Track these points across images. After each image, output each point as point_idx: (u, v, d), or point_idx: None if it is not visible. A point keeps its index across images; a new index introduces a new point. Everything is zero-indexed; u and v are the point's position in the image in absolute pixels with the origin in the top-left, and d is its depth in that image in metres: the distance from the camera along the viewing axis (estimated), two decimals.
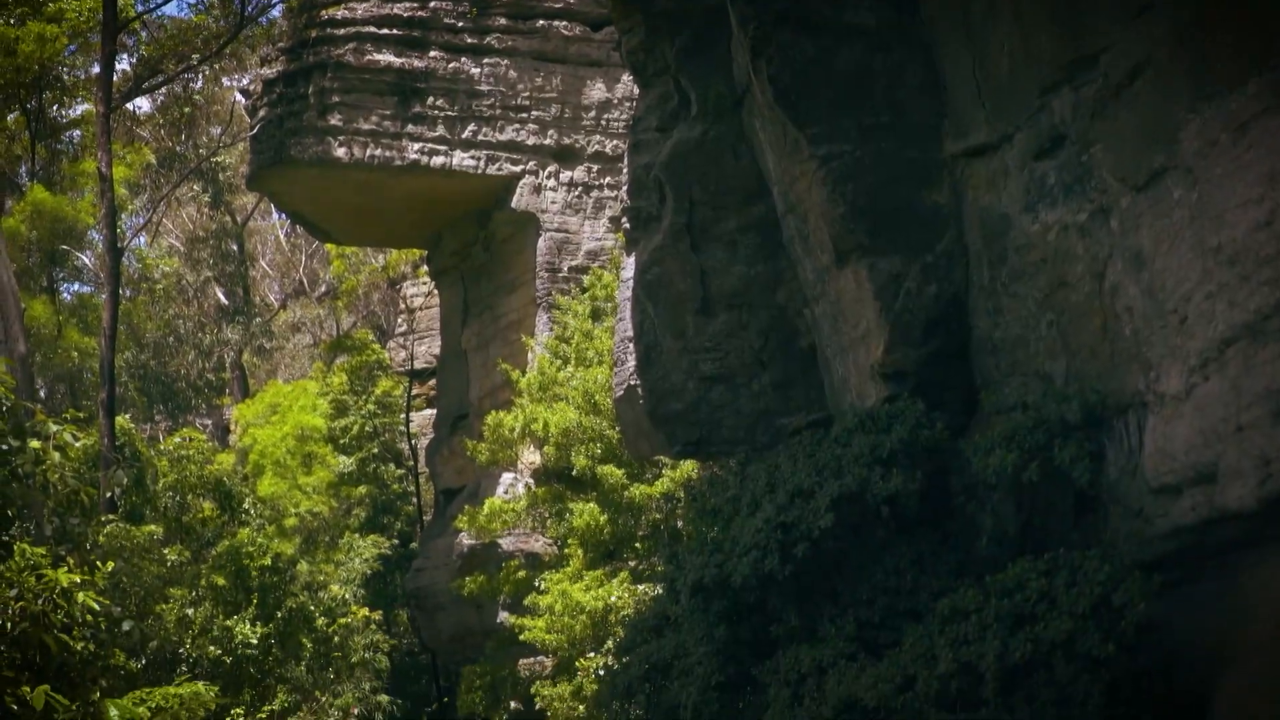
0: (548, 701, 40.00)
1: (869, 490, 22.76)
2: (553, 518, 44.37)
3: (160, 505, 28.32)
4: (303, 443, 60.63)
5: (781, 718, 22.96)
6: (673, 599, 26.67)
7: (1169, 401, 19.37)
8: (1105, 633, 19.30)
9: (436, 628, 53.78)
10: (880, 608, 23.23)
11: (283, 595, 28.95)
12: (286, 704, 27.98)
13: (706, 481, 29.30)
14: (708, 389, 29.08)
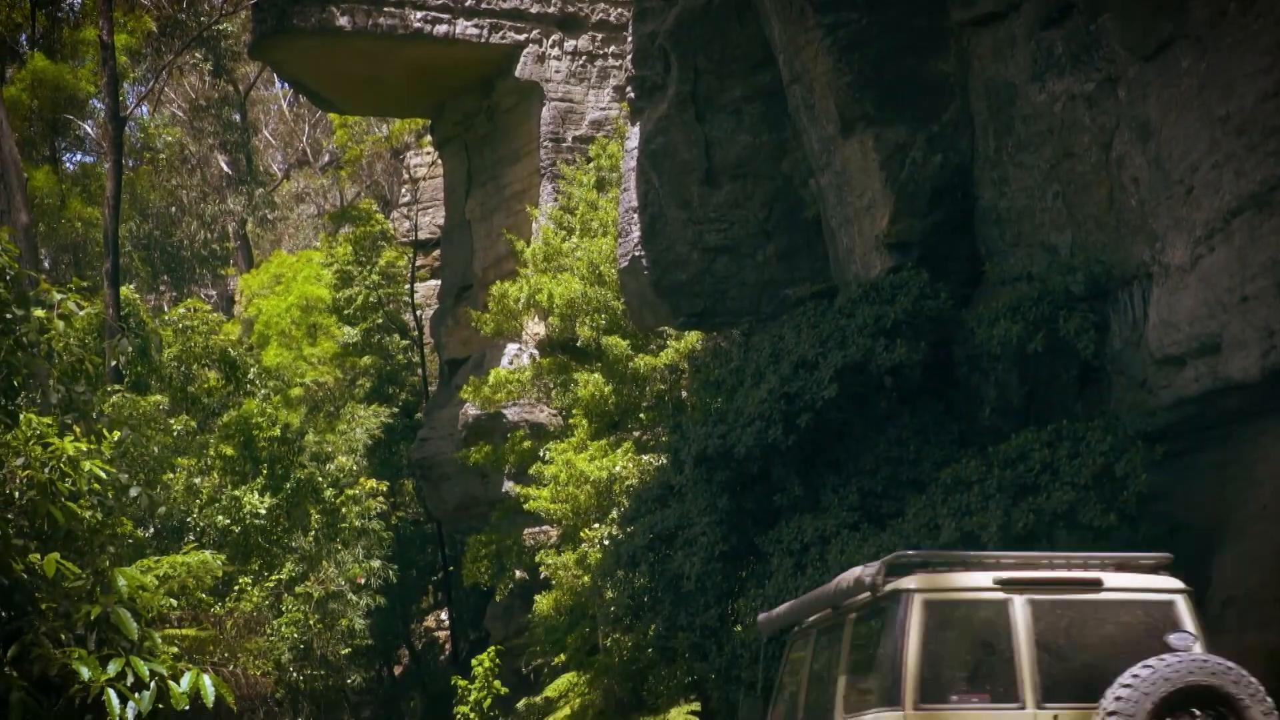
0: (552, 570, 40.28)
1: (873, 361, 22.77)
2: (557, 388, 44.44)
3: (165, 375, 28.37)
4: (307, 313, 60.62)
5: (784, 587, 23.12)
6: (676, 469, 26.78)
7: (1174, 272, 19.31)
8: (1107, 503, 19.39)
9: (441, 498, 54.08)
10: (883, 478, 23.33)
11: (291, 466, 29.08)
12: (294, 573, 28.19)
13: (710, 352, 29.36)
14: (712, 259, 29.05)
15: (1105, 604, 12.04)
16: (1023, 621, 11.57)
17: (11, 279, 15.23)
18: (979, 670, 11.71)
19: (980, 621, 11.75)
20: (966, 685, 11.56)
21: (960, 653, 11.75)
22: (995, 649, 11.63)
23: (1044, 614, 11.71)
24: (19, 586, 10.00)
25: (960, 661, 11.73)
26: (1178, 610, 12.06)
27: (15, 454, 13.04)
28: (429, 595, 66.88)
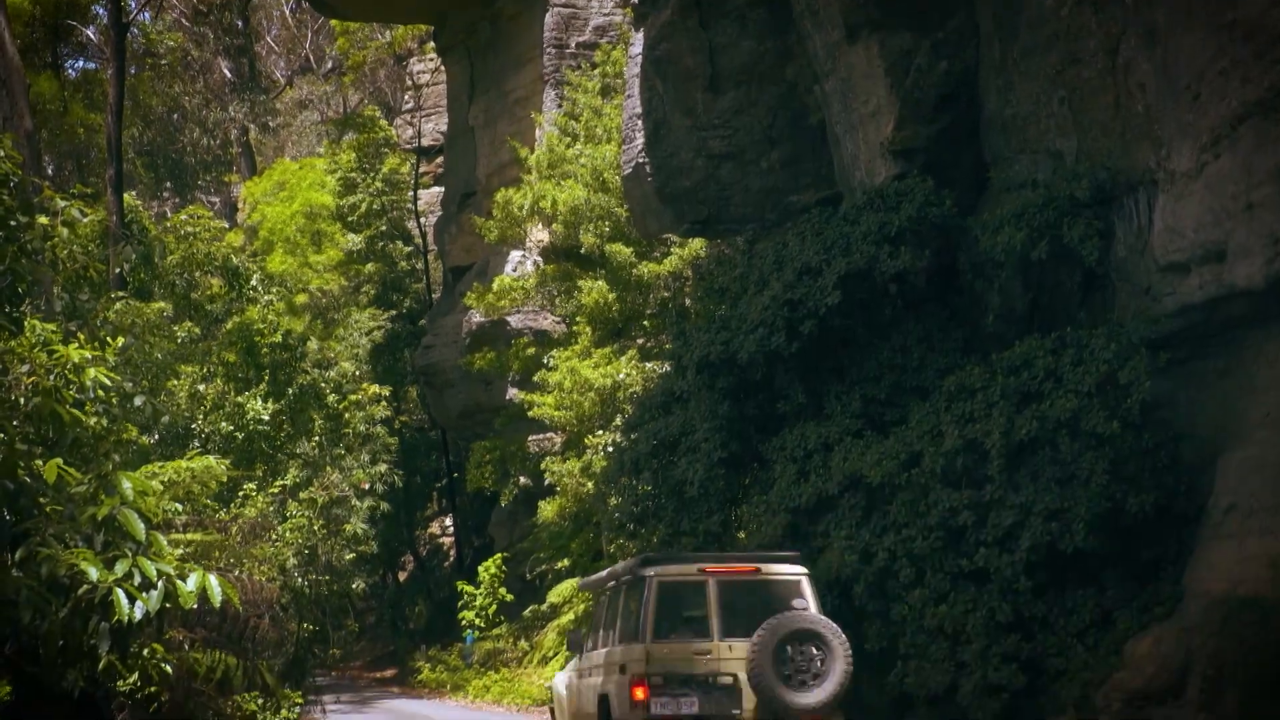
0: (557, 477, 40.43)
1: (877, 268, 22.75)
2: (561, 295, 44.44)
3: (168, 282, 28.36)
4: (312, 220, 60.55)
5: (787, 493, 23.23)
6: (680, 376, 26.83)
7: (1179, 179, 19.24)
8: (1110, 410, 19.44)
9: (445, 405, 54.21)
10: (886, 385, 23.37)
11: (293, 372, 29.12)
12: (298, 479, 28.31)
13: (714, 259, 29.33)
14: (716, 166, 28.96)
15: (760, 582, 19.12)
16: (713, 592, 18.75)
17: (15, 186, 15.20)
18: (689, 620, 18.81)
19: (689, 592, 18.87)
20: (682, 627, 18.74)
21: (678, 610, 18.87)
22: (697, 607, 18.78)
23: (725, 588, 18.83)
24: (24, 491, 10.05)
25: (678, 615, 18.83)
26: (802, 586, 19.07)
27: (20, 361, 13.06)
28: (433, 502, 67.22)
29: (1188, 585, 18.89)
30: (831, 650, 17.78)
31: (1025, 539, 19.72)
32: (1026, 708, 19.65)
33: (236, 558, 19.69)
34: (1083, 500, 19.29)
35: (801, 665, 17.75)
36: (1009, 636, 19.84)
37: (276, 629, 19.39)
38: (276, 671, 22.70)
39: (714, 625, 18.35)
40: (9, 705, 12.92)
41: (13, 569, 9.55)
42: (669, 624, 18.47)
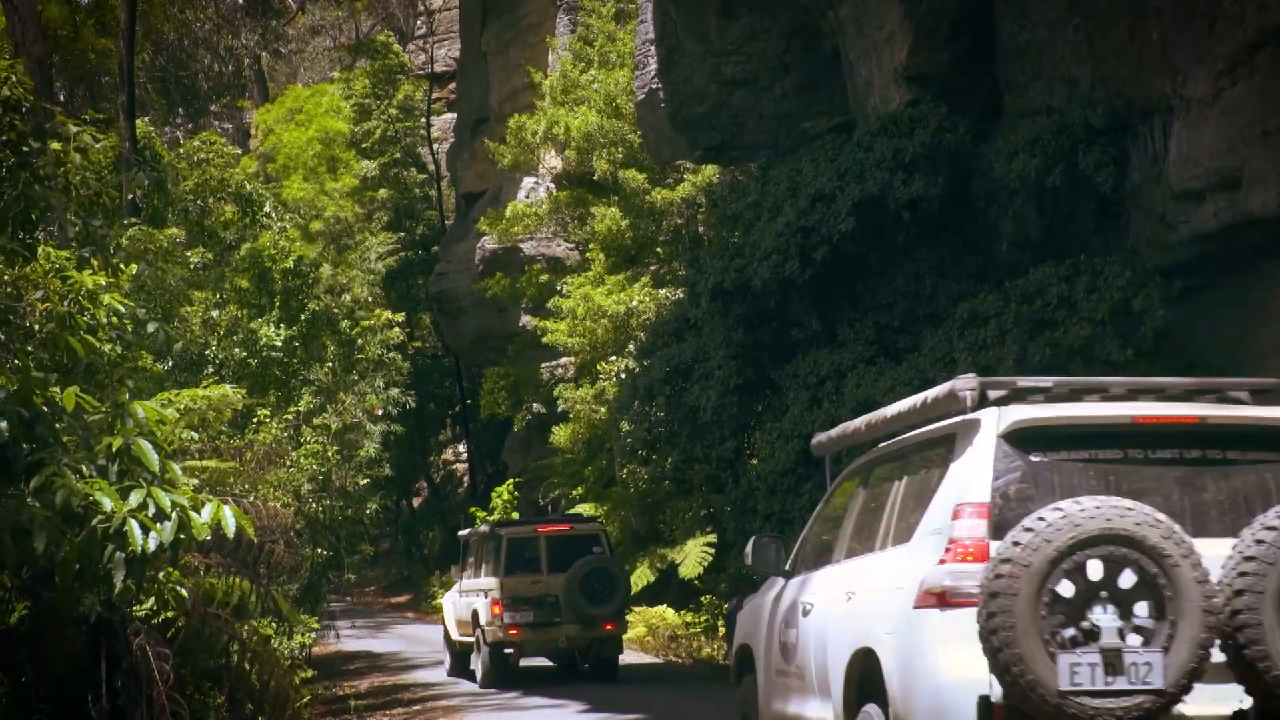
0: (570, 404, 40.53)
1: (890, 194, 22.68)
2: (574, 222, 44.39)
3: (181, 209, 28.33)
4: (328, 147, 60.47)
5: (800, 420, 23.26)
6: (693, 303, 26.84)
7: (1195, 106, 19.13)
8: (1124, 338, 19.42)
9: (458, 331, 54.29)
10: (900, 312, 23.36)
11: (305, 298, 29.13)
12: (311, 405, 28.39)
13: (728, 186, 29.22)
14: (729, 92, 28.81)
15: (573, 536, 28.14)
16: (543, 544, 27.74)
17: (27, 111, 15.17)
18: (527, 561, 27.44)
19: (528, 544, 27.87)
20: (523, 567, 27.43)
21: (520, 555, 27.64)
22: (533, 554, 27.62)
23: (550, 541, 27.82)
24: (40, 419, 10.08)
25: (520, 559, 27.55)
26: (599, 538, 28.19)
27: (34, 287, 13.07)
28: (447, 429, 67.42)
29: None
30: (617, 579, 27.09)
31: None
32: None
33: (251, 484, 19.75)
34: None
35: (597, 588, 26.49)
36: None
37: (291, 554, 19.47)
38: (291, 597, 22.84)
39: (543, 565, 27.47)
40: (26, 629, 13.03)
41: (28, 497, 9.59)
42: (514, 565, 27.35)
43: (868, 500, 11.09)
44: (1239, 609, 7.85)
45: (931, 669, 8.80)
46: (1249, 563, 7.89)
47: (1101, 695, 7.73)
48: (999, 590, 7.81)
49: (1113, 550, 7.83)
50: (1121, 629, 7.81)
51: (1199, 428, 9.18)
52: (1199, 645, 7.79)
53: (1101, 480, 8.85)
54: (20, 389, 10.10)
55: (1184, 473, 9.01)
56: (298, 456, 25.49)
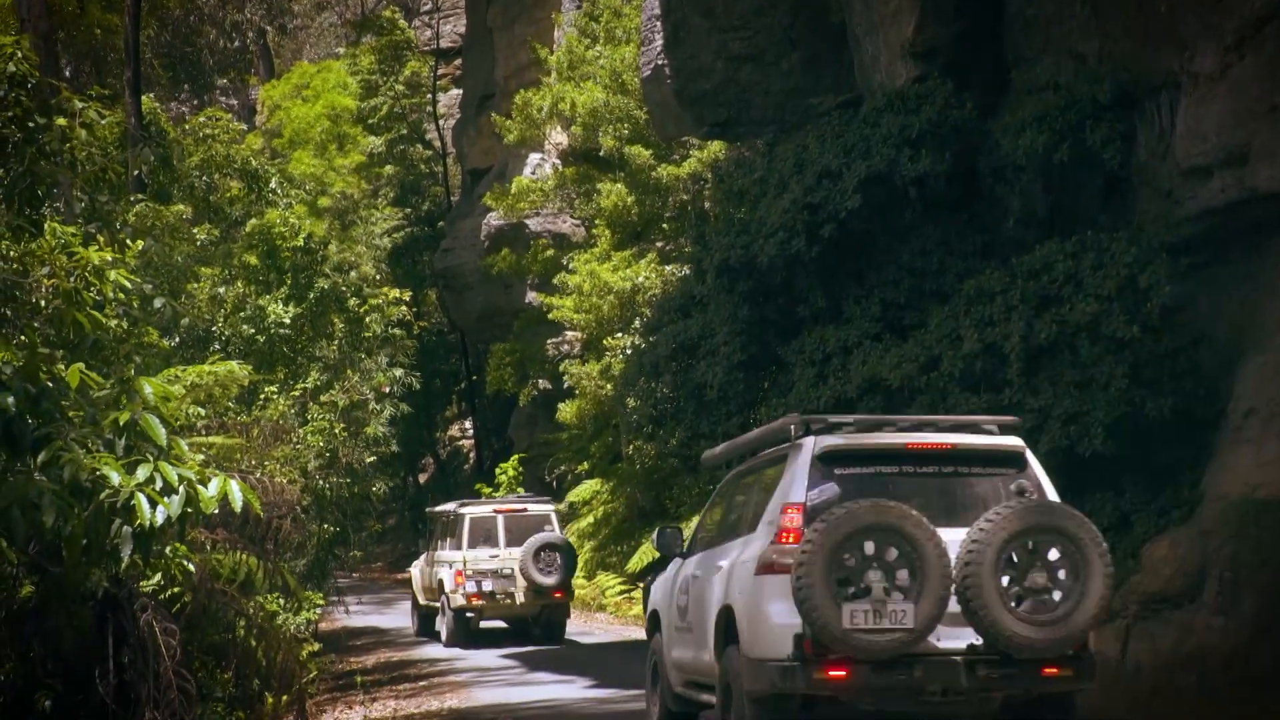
0: (575, 380, 40.57)
1: (897, 171, 22.65)
2: (580, 198, 44.38)
3: (187, 185, 28.31)
4: (336, 123, 60.43)
5: (806, 396, 23.26)
6: (699, 279, 26.82)
7: (1202, 81, 19.09)
8: (1131, 314, 19.40)
9: (464, 308, 54.31)
10: (906, 288, 23.34)
11: (314, 276, 29.13)
12: (319, 382, 28.39)
13: (734, 162, 29.18)
14: (736, 68, 28.75)
15: (527, 515, 31.78)
16: (500, 523, 31.54)
17: (33, 87, 15.18)
18: (487, 538, 31.36)
19: (487, 523, 31.60)
20: (483, 542, 31.17)
21: (480, 533, 31.43)
22: (493, 531, 31.47)
23: (507, 519, 31.61)
24: (46, 394, 10.10)
25: (480, 535, 31.34)
26: (550, 517, 32.09)
27: (41, 263, 13.10)
28: (453, 405, 67.47)
29: (1206, 489, 18.93)
30: (564, 553, 30.88)
31: (1043, 442, 19.73)
32: None
33: (258, 460, 19.78)
34: (1101, 404, 19.30)
35: (547, 562, 30.29)
36: None
37: (298, 531, 19.54)
38: (298, 573, 22.90)
39: (501, 540, 31.36)
40: (34, 605, 13.07)
41: (35, 472, 9.62)
42: (475, 541, 31.31)
43: (733, 501, 14.83)
44: (966, 575, 11.69)
45: (765, 617, 12.28)
46: (974, 544, 11.74)
47: (871, 632, 11.60)
48: (804, 562, 11.58)
49: (880, 535, 11.67)
50: (886, 588, 11.64)
51: (951, 451, 13.05)
52: (939, 599, 11.65)
53: (882, 487, 12.42)
54: (27, 365, 10.13)
55: (940, 483, 12.87)
56: (304, 433, 25.49)
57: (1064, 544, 11.97)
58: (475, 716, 18.80)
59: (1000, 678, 11.99)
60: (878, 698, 12.22)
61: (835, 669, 11.77)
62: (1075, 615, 11.86)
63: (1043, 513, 12.18)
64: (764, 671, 12.19)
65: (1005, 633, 11.69)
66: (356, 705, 21.11)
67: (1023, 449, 13.47)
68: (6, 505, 9.23)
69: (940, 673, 11.93)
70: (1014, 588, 11.79)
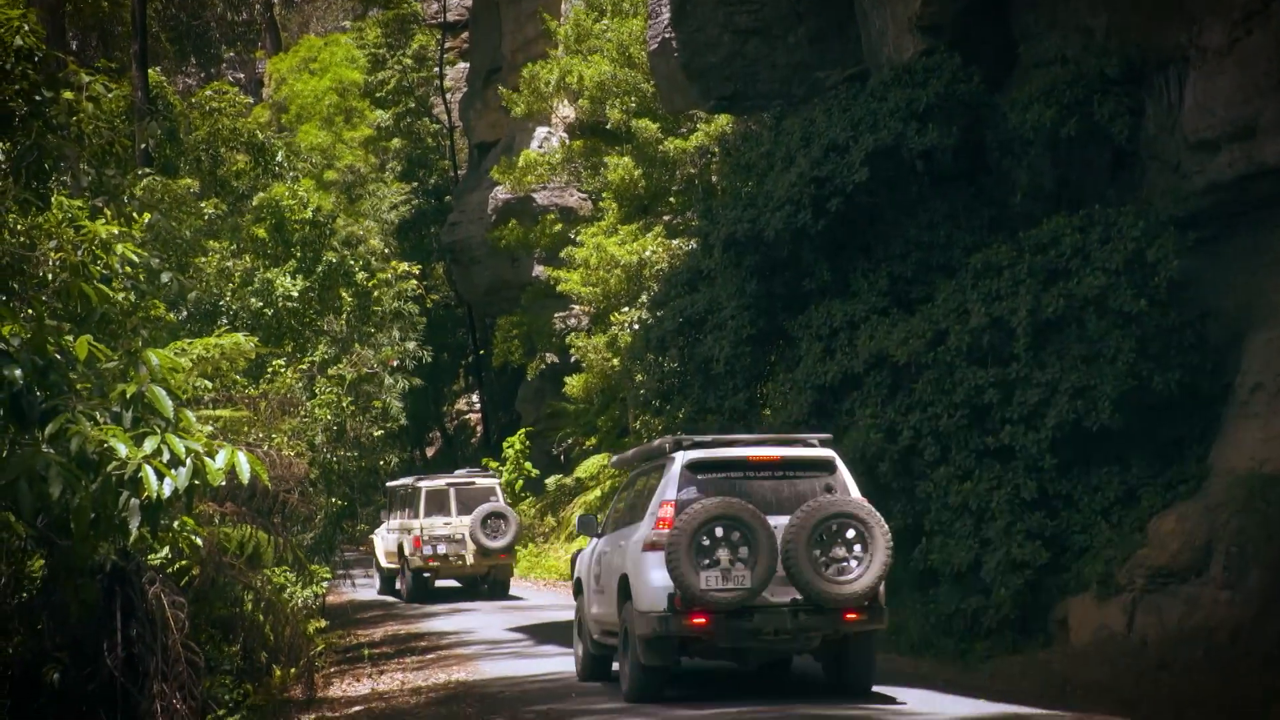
0: (582, 353, 40.58)
1: (904, 144, 22.62)
2: (587, 171, 44.33)
3: (194, 158, 28.26)
4: (342, 96, 60.36)
5: (813, 371, 23.27)
6: (706, 253, 26.81)
7: (1210, 56, 19.04)
8: (1138, 288, 19.39)
9: (472, 281, 54.31)
10: (913, 262, 23.32)
11: (322, 249, 29.09)
12: (326, 355, 28.39)
13: (741, 136, 29.13)
14: (743, 41, 28.67)
15: (476, 487, 36.05)
16: (452, 494, 35.66)
17: (39, 61, 15.18)
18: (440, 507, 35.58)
19: (441, 495, 35.61)
20: (437, 511, 35.36)
21: (436, 503, 35.43)
22: (446, 501, 35.54)
23: (458, 490, 35.76)
24: (54, 367, 10.11)
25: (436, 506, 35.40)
26: (495, 489, 36.22)
27: (48, 237, 13.12)
28: (460, 379, 67.48)
29: (1213, 463, 18.94)
30: (509, 520, 34.78)
31: (1051, 416, 19.76)
32: (1050, 584, 19.78)
33: (265, 433, 19.80)
34: (1109, 378, 19.31)
35: (493, 528, 34.45)
36: (1033, 514, 19.94)
37: (306, 504, 19.54)
38: (306, 546, 22.93)
39: (453, 510, 35.37)
40: (43, 578, 13.11)
41: (43, 444, 9.63)
42: (431, 510, 35.27)
43: (630, 496, 18.88)
44: (788, 549, 15.80)
45: (648, 581, 16.39)
46: (794, 527, 15.87)
47: (721, 591, 15.75)
48: (672, 543, 15.80)
49: (726, 522, 15.83)
50: (731, 560, 15.80)
51: (779, 461, 17.10)
52: (769, 567, 15.75)
53: (730, 488, 16.56)
54: (34, 337, 10.14)
55: (772, 483, 16.84)
56: (312, 407, 25.50)
57: (857, 526, 16.09)
58: (483, 689, 18.83)
59: (815, 622, 16.10)
60: (729, 638, 16.23)
61: (697, 617, 15.94)
62: (865, 576, 16.01)
63: (843, 504, 16.26)
64: (648, 620, 16.30)
65: (816, 590, 15.85)
66: (364, 678, 21.15)
67: (833, 457, 17.30)
68: (14, 478, 9.25)
69: (772, 619, 16.05)
70: (822, 557, 15.95)
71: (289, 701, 18.07)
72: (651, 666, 16.68)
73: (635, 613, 16.60)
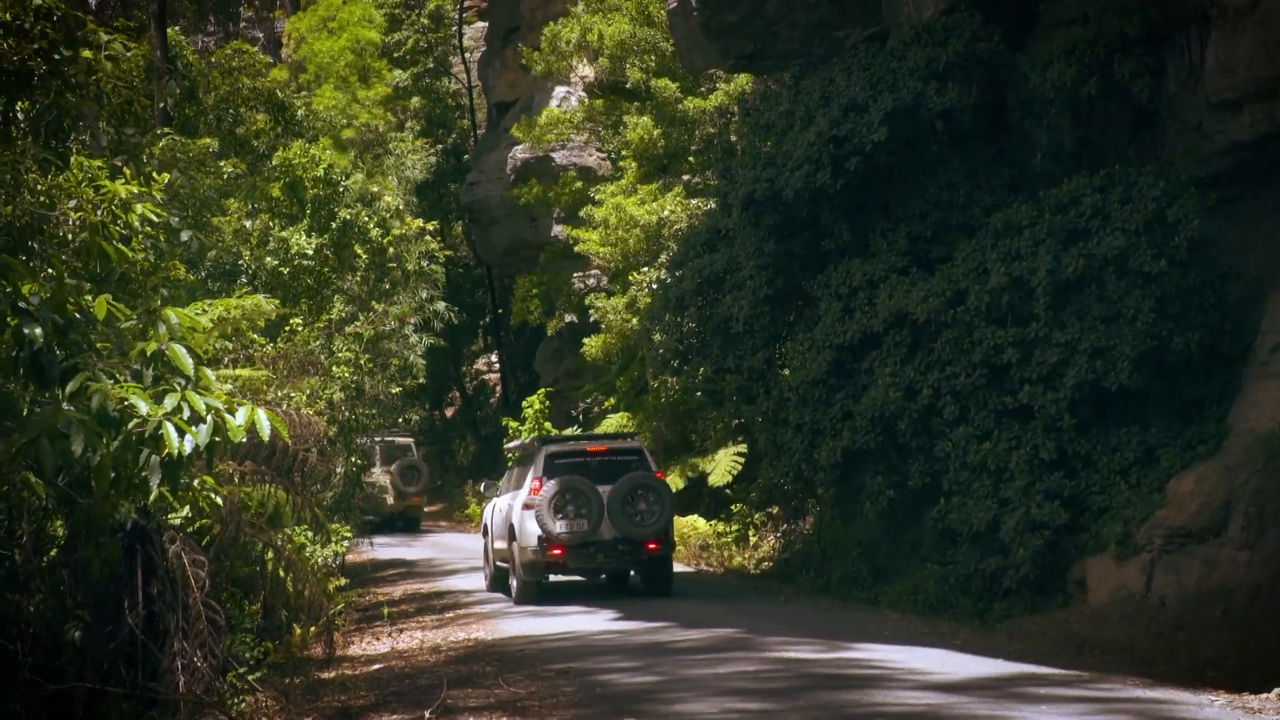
0: (601, 313, 40.56)
1: (923, 104, 22.56)
2: (607, 130, 44.24)
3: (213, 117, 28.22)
4: (360, 56, 60.23)
5: (832, 330, 23.27)
6: (725, 213, 26.79)
7: (1232, 15, 18.94)
8: (1158, 248, 19.35)
9: (490, 241, 54.28)
10: (932, 222, 23.29)
11: (336, 207, 29.04)
12: (343, 314, 28.38)
13: (760, 95, 29.08)
14: (763, 1, 28.57)
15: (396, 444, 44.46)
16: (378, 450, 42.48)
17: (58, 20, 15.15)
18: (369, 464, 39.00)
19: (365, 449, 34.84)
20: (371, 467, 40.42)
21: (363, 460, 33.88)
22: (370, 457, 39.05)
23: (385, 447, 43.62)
24: (74, 325, 10.13)
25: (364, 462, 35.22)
26: (410, 447, 45.83)
27: (67, 196, 13.12)
28: (478, 339, 67.52)
29: (1232, 423, 18.92)
30: (420, 470, 43.10)
31: (1070, 376, 19.75)
32: (1068, 544, 19.81)
33: (284, 392, 19.83)
34: (1128, 338, 19.29)
35: (410, 478, 43.27)
36: (1052, 474, 19.95)
37: (325, 463, 19.58)
38: (325, 506, 23.00)
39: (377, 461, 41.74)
40: (64, 536, 13.16)
41: (63, 403, 9.65)
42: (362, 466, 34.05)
43: (516, 473, 26.77)
44: (609, 506, 23.83)
45: (525, 528, 24.23)
46: (613, 492, 23.86)
47: (568, 534, 23.85)
48: (539, 504, 23.94)
49: (572, 491, 23.96)
50: (575, 513, 23.96)
51: (606, 451, 25.08)
52: (598, 518, 23.86)
53: (575, 469, 24.45)
54: (54, 296, 10.15)
55: (601, 465, 24.59)
56: (330, 365, 25.52)
57: (652, 491, 24.31)
58: (502, 647, 18.91)
59: (629, 550, 24.41)
60: (576, 563, 24.41)
61: (555, 550, 24.11)
62: (658, 522, 24.19)
63: (643, 478, 24.35)
64: (525, 552, 24.54)
65: (629, 531, 24.07)
66: (384, 636, 21.24)
67: (640, 447, 25.92)
68: (35, 436, 9.27)
69: (602, 550, 24.29)
70: (631, 511, 24.08)
71: (309, 660, 18.14)
72: (529, 581, 25.02)
73: (518, 548, 24.92)
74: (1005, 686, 14.35)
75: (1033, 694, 13.82)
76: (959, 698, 13.69)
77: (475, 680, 16.04)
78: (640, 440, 27.75)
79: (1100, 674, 15.31)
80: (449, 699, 14.67)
